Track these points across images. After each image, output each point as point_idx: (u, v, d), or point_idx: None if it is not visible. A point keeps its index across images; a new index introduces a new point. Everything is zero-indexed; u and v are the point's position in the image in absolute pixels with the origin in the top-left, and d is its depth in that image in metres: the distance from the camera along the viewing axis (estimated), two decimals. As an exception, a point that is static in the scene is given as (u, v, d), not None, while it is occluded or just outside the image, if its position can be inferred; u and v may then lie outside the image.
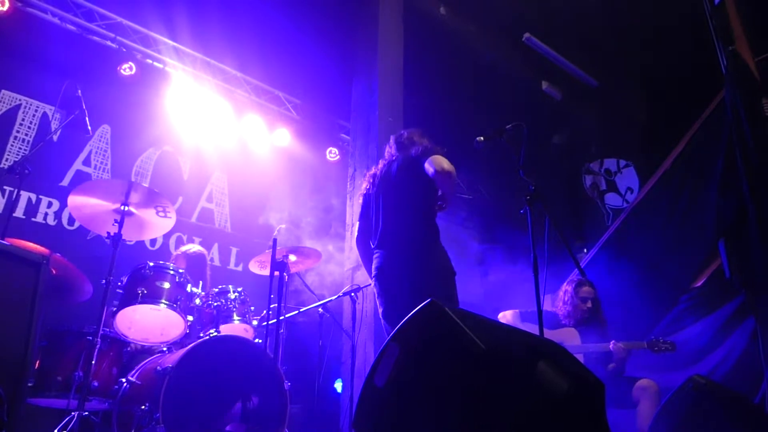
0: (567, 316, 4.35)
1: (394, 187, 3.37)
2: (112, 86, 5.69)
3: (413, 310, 1.86)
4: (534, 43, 7.20)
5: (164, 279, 3.79)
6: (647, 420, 3.55)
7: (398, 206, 3.31)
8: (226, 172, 6.60)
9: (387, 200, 3.38)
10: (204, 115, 6.31)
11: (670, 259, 5.31)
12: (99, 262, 4.23)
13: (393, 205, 3.34)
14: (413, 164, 3.28)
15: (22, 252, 2.58)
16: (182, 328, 3.85)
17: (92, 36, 5.71)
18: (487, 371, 1.71)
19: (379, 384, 1.86)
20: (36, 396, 3.33)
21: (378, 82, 5.94)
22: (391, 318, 3.15)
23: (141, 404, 3.21)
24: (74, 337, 3.50)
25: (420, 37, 6.69)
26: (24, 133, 5.29)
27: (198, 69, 6.37)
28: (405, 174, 3.33)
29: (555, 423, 1.73)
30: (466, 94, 7.26)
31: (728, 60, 4.33)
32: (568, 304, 4.36)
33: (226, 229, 6.44)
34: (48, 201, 5.20)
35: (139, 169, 5.94)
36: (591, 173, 8.29)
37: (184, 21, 6.13)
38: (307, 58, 6.61)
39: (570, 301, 4.36)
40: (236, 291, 4.15)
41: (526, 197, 3.04)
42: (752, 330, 4.24)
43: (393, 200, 3.35)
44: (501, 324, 2.03)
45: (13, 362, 2.27)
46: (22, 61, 5.40)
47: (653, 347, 4.02)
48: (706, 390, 2.71)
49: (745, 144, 4.06)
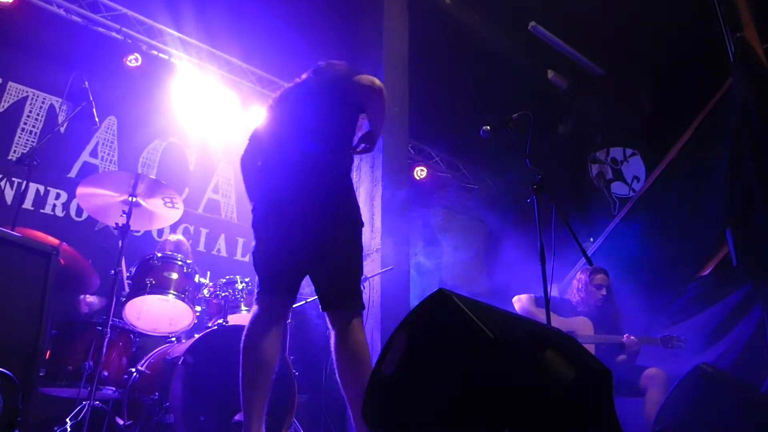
0: (581, 303, 4.35)
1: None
2: (117, 78, 5.70)
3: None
4: (540, 31, 7.16)
5: (172, 269, 3.82)
6: (655, 408, 3.56)
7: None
8: (232, 163, 6.61)
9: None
10: (210, 106, 6.31)
11: (676, 248, 5.29)
12: (107, 253, 4.26)
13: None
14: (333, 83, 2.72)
15: (32, 242, 2.60)
16: (191, 319, 3.89)
17: (98, 27, 5.71)
18: (494, 359, 1.72)
19: (388, 372, 1.87)
20: (47, 385, 3.37)
21: (383, 72, 5.92)
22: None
23: (151, 393, 3.25)
24: (84, 328, 3.54)
25: (425, 27, 6.66)
26: (31, 126, 5.31)
27: (203, 60, 6.37)
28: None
29: (563, 411, 1.74)
30: (471, 83, 7.23)
31: (736, 47, 4.29)
32: (582, 291, 4.37)
33: (232, 220, 6.46)
34: (56, 192, 5.23)
35: (146, 160, 5.96)
36: (597, 162, 8.27)
37: (189, 12, 6.12)
38: (312, 49, 6.58)
39: (584, 288, 4.35)
40: (243, 281, 4.17)
41: (533, 186, 3.04)
42: (759, 319, 4.24)
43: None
44: (508, 312, 2.04)
45: (26, 350, 2.30)
46: (28, 54, 5.41)
47: (666, 344, 4.08)
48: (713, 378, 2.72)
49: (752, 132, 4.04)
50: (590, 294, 4.33)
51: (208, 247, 6.14)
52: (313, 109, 2.71)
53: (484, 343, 1.68)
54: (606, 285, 4.32)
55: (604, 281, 4.34)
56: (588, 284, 4.34)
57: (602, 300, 4.30)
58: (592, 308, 4.31)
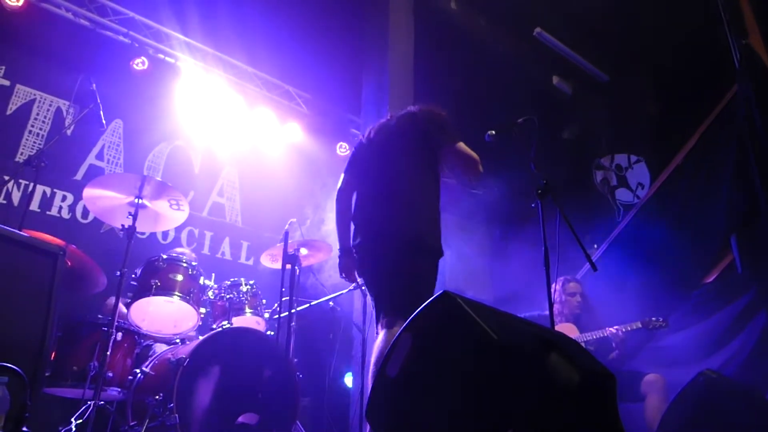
0: (559, 314, 4.57)
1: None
2: (124, 81, 5.72)
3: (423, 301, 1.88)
4: (545, 37, 7.17)
5: (177, 271, 3.84)
6: (655, 414, 3.60)
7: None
8: (237, 167, 6.63)
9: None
10: (215, 110, 6.34)
11: (681, 255, 5.29)
12: (112, 254, 4.27)
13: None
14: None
15: (39, 242, 2.62)
16: (195, 320, 3.90)
17: (105, 31, 5.75)
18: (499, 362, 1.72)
19: (392, 374, 1.88)
20: (52, 386, 3.39)
21: (388, 77, 5.94)
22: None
23: (155, 394, 3.26)
24: (89, 328, 3.56)
25: (430, 32, 6.68)
26: (38, 128, 5.34)
27: (209, 64, 6.40)
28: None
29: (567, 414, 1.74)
30: (476, 89, 7.24)
31: (741, 54, 4.30)
32: (558, 302, 4.58)
33: (237, 224, 6.48)
34: (62, 194, 5.26)
35: (151, 163, 5.99)
36: (601, 168, 8.26)
37: (196, 16, 6.16)
38: (317, 53, 6.62)
39: (559, 299, 4.59)
40: (248, 284, 4.19)
41: (537, 191, 3.05)
42: (764, 325, 4.23)
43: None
44: (514, 316, 2.04)
45: (32, 350, 2.32)
46: (36, 57, 5.44)
47: (647, 325, 4.24)
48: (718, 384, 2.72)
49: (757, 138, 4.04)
50: (566, 302, 4.59)
51: (213, 250, 6.16)
52: None
53: (488, 345, 1.69)
54: (579, 292, 4.61)
55: (576, 288, 4.63)
56: (562, 293, 4.60)
57: (577, 306, 4.58)
58: (571, 315, 4.58)
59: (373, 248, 2.87)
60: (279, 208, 6.43)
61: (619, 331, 4.21)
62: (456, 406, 1.74)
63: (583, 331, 4.41)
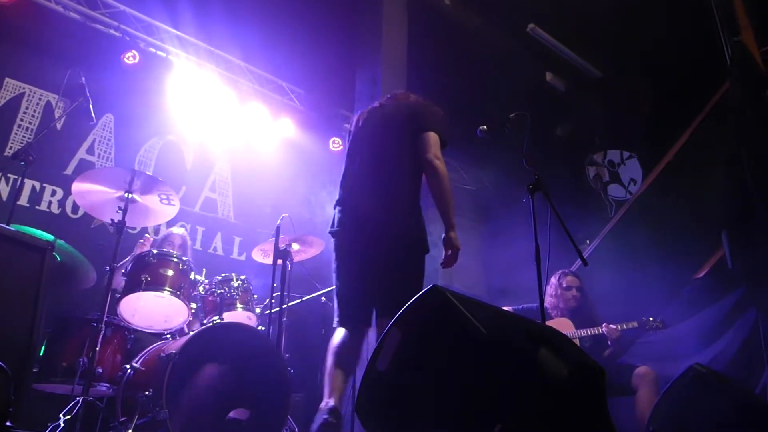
0: (555, 307, 4.50)
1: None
2: (115, 75, 5.67)
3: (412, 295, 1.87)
4: (538, 34, 7.17)
5: (168, 266, 3.81)
6: (646, 407, 3.59)
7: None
8: (230, 162, 6.60)
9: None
10: (207, 105, 6.30)
11: (672, 251, 5.31)
12: (102, 249, 4.24)
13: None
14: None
15: (27, 237, 2.60)
16: (186, 316, 3.88)
17: (96, 24, 5.70)
18: (488, 356, 1.72)
19: (381, 368, 1.87)
20: (41, 382, 3.37)
21: (381, 73, 5.92)
22: None
23: (145, 390, 3.23)
24: (79, 324, 3.54)
25: (424, 28, 6.67)
26: (28, 122, 5.29)
27: (201, 58, 6.36)
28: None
29: (556, 408, 1.74)
30: (470, 84, 7.23)
31: (733, 51, 4.31)
32: (553, 296, 4.51)
33: (229, 219, 6.46)
34: (52, 189, 5.22)
35: (143, 158, 5.95)
36: (594, 164, 8.28)
37: (188, 10, 6.11)
38: (310, 48, 6.59)
39: (555, 293, 4.51)
40: (239, 279, 4.17)
41: (529, 186, 3.04)
42: (754, 321, 4.25)
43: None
44: (503, 310, 2.04)
45: (20, 345, 2.30)
46: (25, 50, 5.40)
47: (644, 326, 4.18)
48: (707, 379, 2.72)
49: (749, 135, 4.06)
50: (562, 296, 4.49)
51: (205, 245, 6.13)
52: None
53: (477, 339, 1.69)
54: (575, 286, 4.48)
55: (573, 282, 4.50)
56: (558, 287, 4.51)
57: (575, 300, 4.46)
58: (568, 309, 4.48)
59: (363, 240, 2.86)
60: (271, 203, 6.41)
61: (615, 329, 4.14)
62: (445, 400, 1.74)
63: (580, 327, 4.34)
